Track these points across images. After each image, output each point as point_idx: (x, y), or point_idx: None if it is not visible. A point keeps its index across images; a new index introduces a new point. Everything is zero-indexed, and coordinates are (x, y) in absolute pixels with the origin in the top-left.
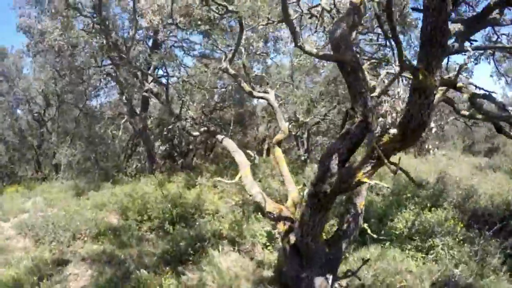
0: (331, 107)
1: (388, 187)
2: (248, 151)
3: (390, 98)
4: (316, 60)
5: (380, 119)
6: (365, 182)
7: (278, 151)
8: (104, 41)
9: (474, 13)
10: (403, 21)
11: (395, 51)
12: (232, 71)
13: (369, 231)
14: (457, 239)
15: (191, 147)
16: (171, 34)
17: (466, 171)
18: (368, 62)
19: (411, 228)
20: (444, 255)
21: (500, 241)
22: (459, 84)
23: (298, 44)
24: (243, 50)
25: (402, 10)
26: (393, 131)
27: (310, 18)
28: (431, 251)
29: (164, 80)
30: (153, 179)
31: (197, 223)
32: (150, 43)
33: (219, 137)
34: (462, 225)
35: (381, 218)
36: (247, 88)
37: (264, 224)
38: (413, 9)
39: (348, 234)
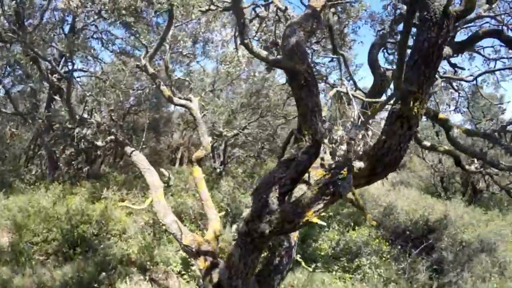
0: (252, 120)
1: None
2: (162, 170)
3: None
4: (245, 69)
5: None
6: (315, 223)
7: (197, 171)
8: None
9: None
10: (342, 40)
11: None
12: (151, 70)
13: (303, 263)
14: (383, 258)
15: (99, 153)
16: (92, 23)
17: (382, 188)
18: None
19: (335, 248)
20: (371, 274)
21: (423, 258)
22: (441, 115)
23: (245, 41)
24: (167, 48)
25: (343, 30)
26: (359, 164)
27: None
28: (358, 271)
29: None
30: (54, 190)
31: (101, 246)
32: (66, 29)
33: (128, 150)
34: (387, 244)
35: (304, 238)
36: (166, 92)
37: (178, 247)
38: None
39: (280, 269)
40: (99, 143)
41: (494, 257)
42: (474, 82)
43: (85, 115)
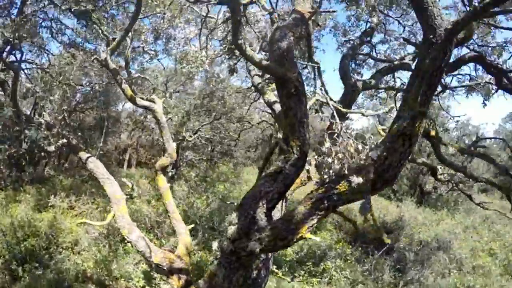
0: (205, 122)
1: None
2: (124, 180)
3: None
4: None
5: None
6: (308, 238)
7: (162, 180)
8: None
9: None
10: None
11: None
12: (112, 65)
13: (280, 274)
14: (347, 260)
15: (42, 154)
16: (42, 9)
17: None
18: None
19: (299, 253)
20: (338, 277)
21: (385, 258)
22: (432, 133)
23: (239, 42)
24: (128, 42)
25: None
26: (357, 180)
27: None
28: (325, 274)
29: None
30: None
31: (53, 261)
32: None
33: (83, 155)
34: (349, 247)
35: None
36: (128, 91)
37: (137, 258)
38: (406, 40)
39: (259, 282)
40: (51, 148)
41: (451, 254)
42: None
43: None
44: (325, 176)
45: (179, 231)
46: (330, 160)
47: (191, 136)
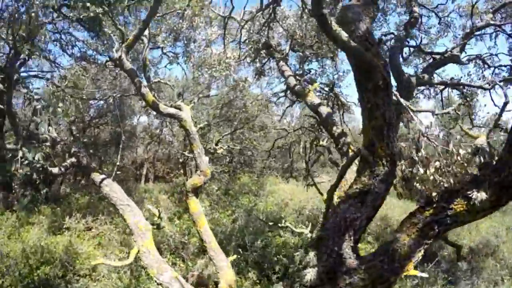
0: (226, 133)
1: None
2: (149, 206)
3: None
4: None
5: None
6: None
7: (194, 204)
8: None
9: None
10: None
11: None
12: (128, 65)
13: None
14: None
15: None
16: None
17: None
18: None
19: None
20: None
21: (435, 269)
22: None
23: (323, 12)
24: (146, 41)
25: None
26: (480, 195)
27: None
28: None
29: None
30: (6, 220)
31: None
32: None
33: (97, 178)
34: None
35: None
36: (149, 96)
37: None
38: None
39: None
40: (55, 170)
41: (501, 260)
42: None
43: (36, 129)
44: (425, 193)
45: (219, 264)
46: (423, 171)
47: (217, 148)
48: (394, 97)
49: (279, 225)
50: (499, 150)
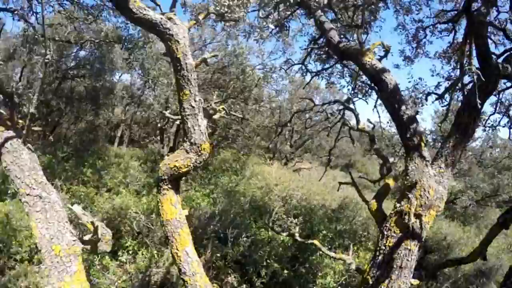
0: (217, 100)
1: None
2: (75, 207)
3: None
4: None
5: None
6: None
7: (171, 205)
8: None
9: None
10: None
11: None
12: None
13: None
14: None
15: None
16: None
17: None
18: None
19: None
20: None
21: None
22: None
23: None
24: None
25: None
26: None
27: None
28: None
29: None
30: None
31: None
32: None
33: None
34: None
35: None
36: None
37: (117, 274)
38: None
39: None
40: None
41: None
42: None
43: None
44: None
45: None
46: None
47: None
48: None
49: (282, 233)
50: None
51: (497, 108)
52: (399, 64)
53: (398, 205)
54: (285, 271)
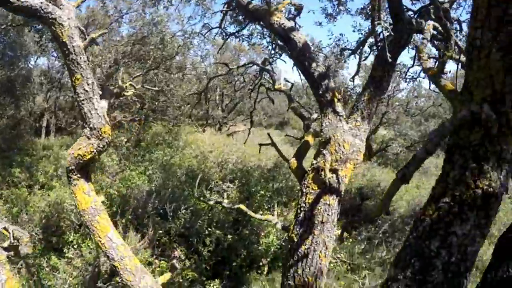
0: (137, 74)
1: None
2: None
3: None
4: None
5: None
6: None
7: (83, 194)
8: None
9: None
10: None
11: None
12: None
13: None
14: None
15: None
16: None
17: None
18: None
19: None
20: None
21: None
22: None
23: None
24: None
25: None
26: None
27: None
28: None
29: None
30: None
31: None
32: None
33: None
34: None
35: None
36: None
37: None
38: None
39: None
40: None
41: None
42: None
43: None
44: None
45: None
46: None
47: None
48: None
49: (210, 201)
50: None
51: (415, 61)
52: (322, 22)
53: (314, 161)
54: (229, 236)
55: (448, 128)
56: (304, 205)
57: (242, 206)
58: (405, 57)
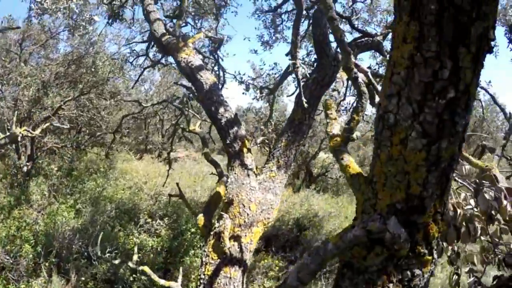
0: (69, 98)
1: None
2: None
3: None
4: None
5: None
6: None
7: None
8: None
9: None
10: None
11: None
12: None
13: None
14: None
15: None
16: None
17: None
18: None
19: None
20: None
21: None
22: None
23: None
24: None
25: None
26: None
27: None
28: None
29: None
30: None
31: None
32: None
33: None
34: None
35: None
36: None
37: None
38: None
39: None
40: None
41: None
42: None
43: None
44: None
45: None
46: None
47: (46, 117)
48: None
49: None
50: None
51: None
52: (257, 50)
53: (216, 225)
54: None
55: (331, 252)
56: (203, 276)
57: (146, 269)
58: None
